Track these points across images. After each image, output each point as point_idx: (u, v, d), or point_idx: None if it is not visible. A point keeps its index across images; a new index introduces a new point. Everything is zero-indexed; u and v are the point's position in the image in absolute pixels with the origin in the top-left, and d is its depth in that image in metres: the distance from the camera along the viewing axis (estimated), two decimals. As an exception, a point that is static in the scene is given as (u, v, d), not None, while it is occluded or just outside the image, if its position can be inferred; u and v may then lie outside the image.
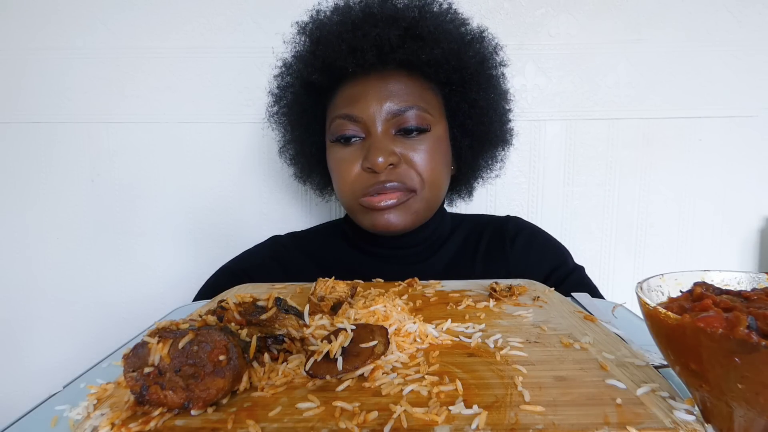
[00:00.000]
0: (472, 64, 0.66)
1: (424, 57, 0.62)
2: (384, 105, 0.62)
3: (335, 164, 0.66)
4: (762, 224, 0.96)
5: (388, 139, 0.63)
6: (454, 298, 0.52)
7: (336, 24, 0.63)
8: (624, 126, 0.95)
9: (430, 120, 0.64)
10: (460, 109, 0.68)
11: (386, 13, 0.62)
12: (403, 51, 0.61)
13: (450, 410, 0.28)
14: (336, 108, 0.65)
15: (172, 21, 0.94)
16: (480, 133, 0.70)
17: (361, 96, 0.63)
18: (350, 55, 0.61)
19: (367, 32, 0.61)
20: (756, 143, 0.94)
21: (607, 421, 0.27)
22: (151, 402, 0.29)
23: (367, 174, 0.63)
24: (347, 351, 0.34)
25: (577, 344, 0.38)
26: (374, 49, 0.61)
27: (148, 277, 1.01)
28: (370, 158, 0.61)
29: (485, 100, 0.68)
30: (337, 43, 0.61)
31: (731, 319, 0.23)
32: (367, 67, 0.62)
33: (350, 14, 0.64)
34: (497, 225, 0.77)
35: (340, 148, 0.65)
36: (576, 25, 0.93)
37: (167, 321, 0.33)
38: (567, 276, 0.71)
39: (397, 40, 0.61)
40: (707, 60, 0.92)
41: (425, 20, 0.63)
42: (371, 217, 0.65)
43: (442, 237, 0.75)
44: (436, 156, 0.64)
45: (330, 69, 0.63)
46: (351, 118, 0.63)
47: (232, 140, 0.97)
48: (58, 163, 0.98)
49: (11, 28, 0.95)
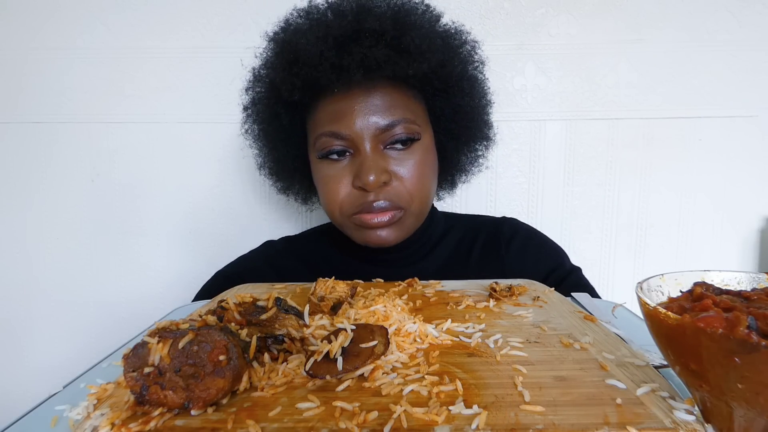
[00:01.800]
0: (457, 72, 0.65)
1: (410, 72, 0.59)
2: (370, 120, 0.60)
3: (323, 182, 0.64)
4: (762, 224, 0.96)
5: (378, 155, 0.61)
6: (454, 298, 0.52)
7: (315, 40, 0.59)
8: (624, 126, 0.95)
9: (418, 130, 0.62)
10: (444, 113, 0.67)
11: (366, 27, 0.59)
12: (390, 67, 0.58)
13: (450, 410, 0.28)
14: (319, 125, 0.62)
15: (172, 21, 0.94)
16: (464, 135, 0.69)
17: (346, 112, 0.60)
18: (334, 73, 0.58)
19: (351, 51, 0.57)
20: (756, 143, 0.94)
21: (607, 421, 0.27)
22: (151, 402, 0.29)
23: (358, 192, 0.61)
24: (347, 351, 0.34)
25: (577, 344, 0.38)
26: (360, 69, 0.58)
27: (148, 277, 1.01)
28: (362, 177, 0.59)
29: (469, 103, 0.67)
30: (319, 62, 0.58)
31: (731, 319, 0.23)
32: (352, 85, 0.60)
33: (326, 27, 0.59)
34: (492, 227, 0.77)
35: (328, 164, 0.63)
36: (576, 25, 0.93)
37: (167, 321, 0.33)
38: (564, 278, 0.71)
39: (383, 56, 0.58)
40: (707, 60, 0.92)
41: (407, 31, 0.60)
42: (363, 234, 0.64)
43: (433, 239, 0.74)
44: (424, 166, 0.63)
45: (312, 87, 0.60)
46: (337, 136, 0.60)
47: (232, 140, 0.97)
48: (58, 163, 0.98)
49: (11, 27, 0.95)
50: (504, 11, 0.93)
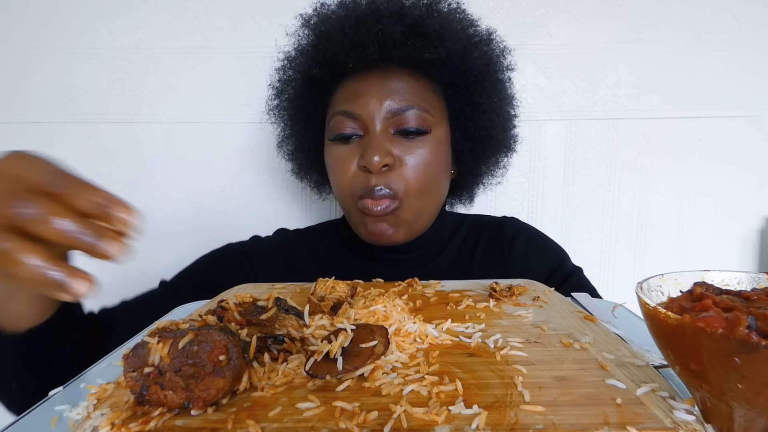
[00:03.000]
0: (477, 66, 0.64)
1: (427, 56, 0.60)
2: (384, 103, 0.60)
3: (332, 162, 0.65)
4: (762, 224, 0.96)
5: (386, 138, 0.61)
6: (454, 298, 0.52)
7: (340, 18, 0.63)
8: (624, 126, 0.95)
9: (431, 121, 0.62)
10: (463, 112, 0.67)
11: (391, 9, 0.61)
12: (406, 48, 0.60)
13: (450, 410, 0.28)
14: (336, 104, 0.64)
15: (172, 21, 0.94)
16: (482, 138, 0.69)
17: (361, 93, 0.62)
18: (352, 50, 0.60)
19: (370, 27, 0.60)
20: (756, 143, 0.94)
21: (607, 421, 0.27)
22: (151, 402, 0.29)
23: (363, 174, 0.61)
24: (347, 351, 0.34)
25: (577, 344, 0.38)
26: (376, 45, 0.59)
27: (148, 276, 1.00)
28: (366, 156, 0.59)
29: (489, 104, 0.67)
30: (340, 38, 0.60)
31: (731, 319, 0.23)
32: (368, 63, 0.61)
33: (355, 9, 0.63)
34: (494, 227, 0.77)
35: (338, 146, 0.64)
36: (576, 25, 0.93)
37: (167, 321, 0.33)
38: (566, 278, 0.71)
39: (400, 36, 0.59)
40: (707, 60, 0.92)
41: (431, 18, 0.61)
42: (367, 226, 0.64)
43: (442, 241, 0.74)
44: (433, 160, 0.63)
45: (331, 63, 0.62)
46: (350, 115, 0.62)
47: (232, 140, 0.97)
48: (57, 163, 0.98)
49: (12, 28, 0.95)
50: (504, 11, 0.93)
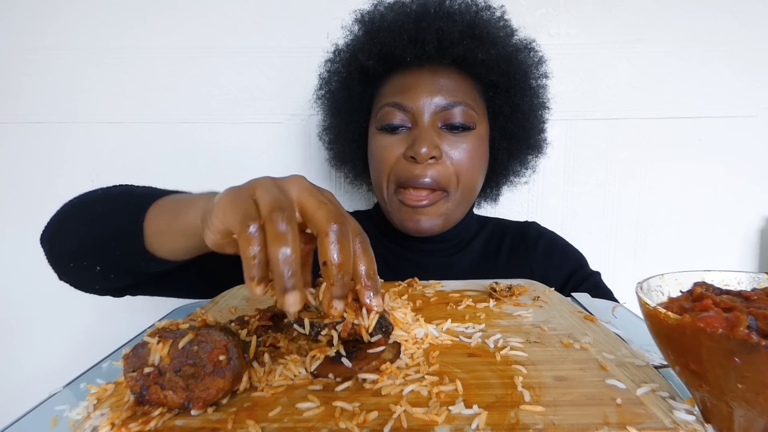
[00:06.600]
0: (521, 70, 0.68)
1: (480, 56, 0.64)
2: (434, 98, 0.64)
3: (377, 150, 0.67)
4: (762, 224, 0.96)
5: (434, 131, 0.64)
6: (454, 298, 0.52)
7: (397, 14, 0.66)
8: (624, 126, 0.95)
9: (476, 118, 0.66)
10: (503, 112, 0.70)
11: (445, 12, 0.65)
12: (462, 47, 0.63)
13: (450, 410, 0.28)
14: (385, 96, 0.67)
15: (172, 21, 0.94)
16: (519, 137, 0.72)
17: (412, 86, 0.64)
18: (410, 45, 0.63)
19: (429, 25, 0.63)
20: (756, 143, 0.94)
21: (607, 421, 0.27)
22: (151, 402, 0.29)
23: (408, 163, 0.64)
24: (355, 355, 0.34)
25: (577, 344, 0.38)
26: (435, 42, 0.63)
27: (148, 277, 1.00)
28: (415, 147, 0.62)
29: (528, 105, 0.70)
30: (399, 33, 0.64)
31: (731, 319, 0.23)
32: (423, 58, 0.64)
33: (410, 9, 0.66)
34: (518, 229, 0.80)
35: (385, 135, 0.66)
36: (576, 25, 0.93)
37: (167, 321, 0.33)
38: (585, 279, 0.73)
39: (457, 35, 0.63)
40: (707, 60, 0.92)
41: (482, 22, 0.66)
42: (402, 216, 0.67)
43: (469, 235, 0.77)
44: (475, 156, 0.66)
45: (387, 57, 0.66)
46: (400, 107, 0.65)
47: (233, 140, 0.97)
48: (58, 163, 0.98)
49: (12, 28, 0.95)
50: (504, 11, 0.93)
